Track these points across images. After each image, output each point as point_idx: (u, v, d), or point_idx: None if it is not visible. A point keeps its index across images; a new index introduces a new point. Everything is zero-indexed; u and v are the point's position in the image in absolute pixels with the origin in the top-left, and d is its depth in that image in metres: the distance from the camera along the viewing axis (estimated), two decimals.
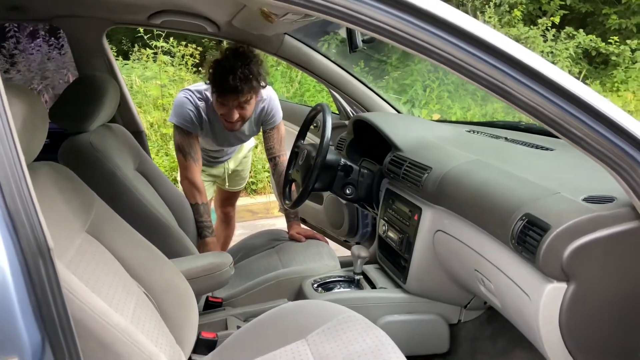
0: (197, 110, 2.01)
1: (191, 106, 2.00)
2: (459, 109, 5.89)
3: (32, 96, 1.00)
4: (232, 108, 1.90)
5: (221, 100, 1.89)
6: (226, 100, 1.88)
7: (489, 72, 0.89)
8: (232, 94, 1.85)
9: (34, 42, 5.38)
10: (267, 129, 2.14)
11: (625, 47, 6.75)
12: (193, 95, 2.02)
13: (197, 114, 2.01)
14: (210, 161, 2.44)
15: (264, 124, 2.13)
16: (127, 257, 1.20)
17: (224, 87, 1.84)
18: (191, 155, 2.02)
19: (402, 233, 1.69)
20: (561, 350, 1.07)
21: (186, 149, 2.02)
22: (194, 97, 2.02)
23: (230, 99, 1.87)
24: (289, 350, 1.24)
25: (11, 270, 0.65)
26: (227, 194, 2.72)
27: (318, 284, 1.79)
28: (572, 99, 0.90)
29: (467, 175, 1.43)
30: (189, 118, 1.99)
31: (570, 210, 1.04)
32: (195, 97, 2.02)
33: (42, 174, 1.09)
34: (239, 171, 2.64)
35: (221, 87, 1.85)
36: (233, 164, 2.57)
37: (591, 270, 1.02)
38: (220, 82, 1.84)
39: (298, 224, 2.15)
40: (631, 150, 0.91)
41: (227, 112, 1.91)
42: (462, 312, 1.68)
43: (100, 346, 0.81)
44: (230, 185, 2.66)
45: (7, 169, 0.66)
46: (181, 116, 2.00)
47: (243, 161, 2.64)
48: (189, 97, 2.02)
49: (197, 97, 2.02)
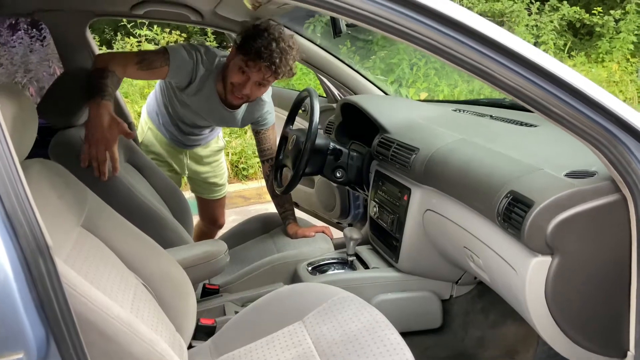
0: (196, 64, 1.78)
1: (194, 55, 1.78)
2: (446, 86, 5.90)
3: (20, 94, 1.00)
4: (251, 80, 1.73)
5: (247, 66, 1.70)
6: (252, 69, 1.70)
7: (469, 55, 0.91)
8: (265, 62, 1.67)
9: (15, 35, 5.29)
10: (262, 129, 2.02)
11: (609, 17, 6.76)
12: (202, 53, 1.81)
13: (194, 66, 1.78)
14: (174, 138, 2.16)
15: (258, 124, 2.01)
16: (124, 249, 1.22)
17: (259, 50, 1.66)
18: (137, 67, 1.68)
19: (392, 213, 1.73)
20: (548, 320, 1.11)
21: (145, 62, 1.71)
22: (202, 54, 1.81)
23: (257, 69, 1.70)
24: (286, 332, 1.28)
25: (12, 269, 0.67)
26: (207, 204, 2.47)
27: (312, 266, 1.82)
28: (551, 78, 0.92)
29: (453, 155, 1.46)
30: (186, 59, 1.76)
31: (553, 186, 1.07)
32: (202, 54, 1.80)
33: (34, 172, 1.10)
34: (207, 175, 2.37)
35: (256, 50, 1.66)
36: (194, 163, 2.31)
37: (574, 243, 1.05)
38: (259, 46, 1.66)
39: (297, 224, 2.06)
40: (609, 126, 0.94)
41: (243, 83, 1.74)
42: (454, 288, 1.72)
43: (102, 338, 0.83)
44: (204, 192, 2.43)
45: (2, 169, 0.68)
46: (178, 51, 1.76)
47: (213, 164, 2.37)
48: (199, 51, 1.81)
49: (203, 54, 1.80)
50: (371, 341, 1.15)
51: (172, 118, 2.09)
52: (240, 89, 1.76)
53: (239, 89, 1.76)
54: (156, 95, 2.16)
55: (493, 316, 1.68)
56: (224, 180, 2.47)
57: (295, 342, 1.23)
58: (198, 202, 2.50)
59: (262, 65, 1.69)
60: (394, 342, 1.14)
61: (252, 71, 1.72)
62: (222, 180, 2.45)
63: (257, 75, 1.73)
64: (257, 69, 1.71)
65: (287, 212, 2.07)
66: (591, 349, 1.11)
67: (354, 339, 1.17)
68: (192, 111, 1.96)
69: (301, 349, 1.20)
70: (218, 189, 2.45)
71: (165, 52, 1.74)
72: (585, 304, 1.09)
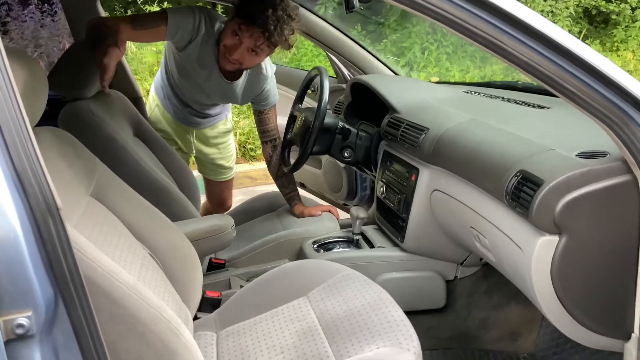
0: (199, 22, 1.73)
1: (196, 14, 1.72)
2: (458, 71, 5.85)
3: (31, 62, 1.00)
4: (243, 44, 1.67)
5: (240, 30, 1.65)
6: (244, 32, 1.65)
7: (485, 29, 0.90)
8: (258, 28, 1.63)
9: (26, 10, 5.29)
10: (264, 109, 1.96)
11: (625, 5, 6.64)
12: (205, 14, 1.76)
13: (195, 24, 1.72)
14: (178, 113, 2.12)
15: (260, 103, 1.96)
16: (132, 219, 1.23)
17: (254, 14, 1.61)
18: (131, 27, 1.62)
19: (400, 193, 1.72)
20: (553, 301, 1.11)
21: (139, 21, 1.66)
22: (205, 14, 1.75)
23: (249, 34, 1.65)
24: (290, 307, 1.29)
25: (22, 228, 0.68)
26: (214, 185, 2.44)
27: (318, 244, 1.83)
28: (566, 54, 0.91)
29: (463, 135, 1.45)
30: (187, 17, 1.70)
31: (563, 165, 1.06)
32: (205, 15, 1.75)
33: (45, 139, 1.10)
34: (213, 157, 2.34)
35: (251, 14, 1.62)
36: (201, 144, 2.28)
37: (582, 223, 1.05)
38: (253, 8, 1.61)
39: (302, 203, 2.03)
40: (623, 105, 0.93)
41: (235, 46, 1.68)
42: (459, 269, 1.72)
43: (110, 301, 0.84)
44: (211, 173, 2.40)
45: (13, 130, 0.68)
46: (178, 10, 1.71)
47: (220, 146, 2.33)
48: (202, 12, 1.75)
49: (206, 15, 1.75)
50: (375, 317, 1.16)
51: (173, 89, 2.06)
52: (232, 52, 1.70)
53: (230, 52, 1.70)
54: (161, 69, 2.14)
55: (497, 298, 1.69)
56: (232, 162, 2.43)
57: (300, 316, 1.24)
58: (205, 183, 2.48)
59: (254, 30, 1.64)
60: (397, 319, 1.15)
61: (245, 36, 1.66)
62: (230, 162, 2.41)
63: (249, 41, 1.67)
64: (250, 34, 1.66)
65: (291, 192, 2.05)
66: (595, 330, 1.11)
67: (358, 315, 1.18)
68: (192, 82, 1.91)
69: (305, 324, 1.21)
70: (225, 171, 2.42)
71: (164, 12, 1.69)
72: (590, 285, 1.09)
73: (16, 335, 0.67)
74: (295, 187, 2.07)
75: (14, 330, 0.67)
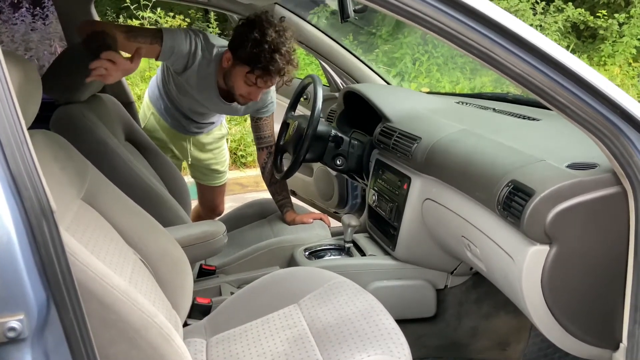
0: (195, 49, 1.73)
1: (192, 40, 1.72)
2: (448, 82, 5.90)
3: (26, 64, 1.00)
4: (259, 89, 1.74)
5: (256, 82, 1.71)
6: (264, 81, 1.71)
7: (479, 41, 0.91)
8: (274, 74, 1.69)
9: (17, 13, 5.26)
10: (263, 116, 1.99)
11: (613, 20, 6.76)
12: (202, 40, 1.75)
13: (191, 51, 1.72)
14: (175, 123, 2.14)
15: (259, 112, 1.98)
16: (123, 224, 1.22)
17: (271, 68, 1.66)
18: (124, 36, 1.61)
19: (391, 202, 1.73)
20: (543, 310, 1.12)
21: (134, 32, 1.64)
22: (202, 40, 1.75)
23: (264, 79, 1.70)
24: (281, 314, 1.28)
25: (16, 231, 0.67)
26: (207, 191, 2.46)
27: (309, 252, 1.83)
28: (557, 67, 0.93)
29: (455, 145, 1.47)
30: (182, 43, 1.70)
31: (554, 176, 1.08)
32: (202, 40, 1.75)
33: (37, 141, 1.10)
34: (209, 162, 2.36)
35: (266, 68, 1.66)
36: (197, 150, 2.30)
37: (573, 233, 1.06)
38: (266, 62, 1.65)
39: (294, 211, 2.05)
40: (613, 118, 0.94)
41: (251, 92, 1.75)
42: (449, 278, 1.73)
43: (102, 306, 0.84)
44: (205, 179, 2.42)
45: (9, 132, 0.68)
46: (173, 33, 1.70)
47: (215, 151, 2.36)
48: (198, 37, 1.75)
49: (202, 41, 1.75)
50: (366, 325, 1.16)
51: (172, 103, 2.08)
52: (249, 97, 1.77)
53: (244, 97, 1.78)
54: (157, 80, 2.15)
55: (486, 307, 1.70)
56: (225, 167, 2.45)
57: (290, 323, 1.24)
58: (198, 188, 2.49)
59: (271, 76, 1.70)
60: (388, 327, 1.15)
61: (261, 82, 1.72)
62: (224, 167, 2.43)
63: (265, 85, 1.75)
64: (265, 80, 1.72)
65: (284, 200, 2.06)
66: (584, 339, 1.12)
67: (349, 323, 1.18)
68: (191, 98, 1.93)
69: (296, 331, 1.21)
70: (219, 176, 2.44)
71: (160, 32, 1.69)
72: (580, 294, 1.10)
73: (8, 338, 0.66)
74: (288, 195, 2.08)
75: (5, 333, 0.66)
